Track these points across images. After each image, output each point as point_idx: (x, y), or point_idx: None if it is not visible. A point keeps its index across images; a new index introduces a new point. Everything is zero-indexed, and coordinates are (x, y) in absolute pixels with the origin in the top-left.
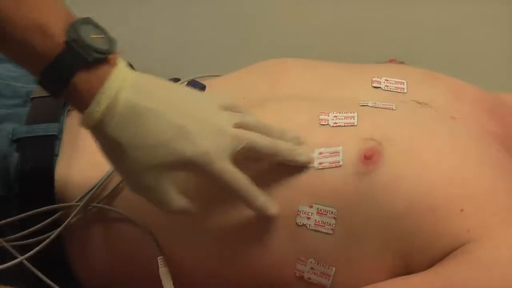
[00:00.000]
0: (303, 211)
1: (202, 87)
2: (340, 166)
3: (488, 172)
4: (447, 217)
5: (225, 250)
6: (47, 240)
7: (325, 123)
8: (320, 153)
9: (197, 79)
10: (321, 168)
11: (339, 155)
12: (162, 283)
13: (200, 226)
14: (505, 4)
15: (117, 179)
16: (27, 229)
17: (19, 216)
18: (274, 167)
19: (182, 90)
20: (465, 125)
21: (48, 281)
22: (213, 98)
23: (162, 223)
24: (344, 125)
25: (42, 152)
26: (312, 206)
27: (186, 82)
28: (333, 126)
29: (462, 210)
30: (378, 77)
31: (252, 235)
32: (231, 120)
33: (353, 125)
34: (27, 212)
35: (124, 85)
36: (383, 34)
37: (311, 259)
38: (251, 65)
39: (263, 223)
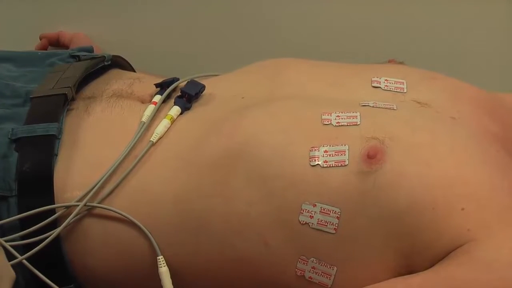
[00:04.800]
0: (306, 209)
1: (202, 87)
2: (346, 165)
3: (488, 172)
4: (448, 215)
5: (225, 249)
6: (47, 240)
7: (327, 123)
8: (326, 151)
9: (196, 79)
10: (326, 167)
11: (345, 154)
12: (162, 283)
13: (200, 226)
14: (504, 4)
15: (116, 179)
16: (27, 229)
17: (18, 216)
18: (276, 165)
19: None
20: (465, 126)
21: (48, 281)
22: None
23: (161, 223)
24: (347, 125)
25: (42, 152)
26: (315, 205)
27: (185, 82)
28: (336, 125)
29: (463, 209)
30: (377, 77)
31: (253, 233)
32: None
33: (356, 124)
34: (26, 212)
35: None
36: (383, 34)
37: (312, 258)
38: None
39: (264, 220)
